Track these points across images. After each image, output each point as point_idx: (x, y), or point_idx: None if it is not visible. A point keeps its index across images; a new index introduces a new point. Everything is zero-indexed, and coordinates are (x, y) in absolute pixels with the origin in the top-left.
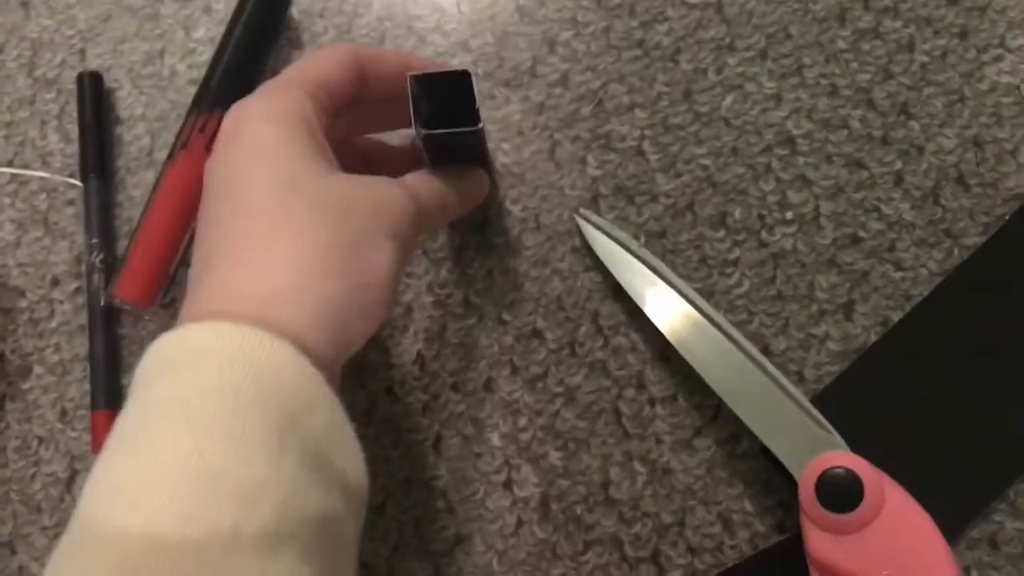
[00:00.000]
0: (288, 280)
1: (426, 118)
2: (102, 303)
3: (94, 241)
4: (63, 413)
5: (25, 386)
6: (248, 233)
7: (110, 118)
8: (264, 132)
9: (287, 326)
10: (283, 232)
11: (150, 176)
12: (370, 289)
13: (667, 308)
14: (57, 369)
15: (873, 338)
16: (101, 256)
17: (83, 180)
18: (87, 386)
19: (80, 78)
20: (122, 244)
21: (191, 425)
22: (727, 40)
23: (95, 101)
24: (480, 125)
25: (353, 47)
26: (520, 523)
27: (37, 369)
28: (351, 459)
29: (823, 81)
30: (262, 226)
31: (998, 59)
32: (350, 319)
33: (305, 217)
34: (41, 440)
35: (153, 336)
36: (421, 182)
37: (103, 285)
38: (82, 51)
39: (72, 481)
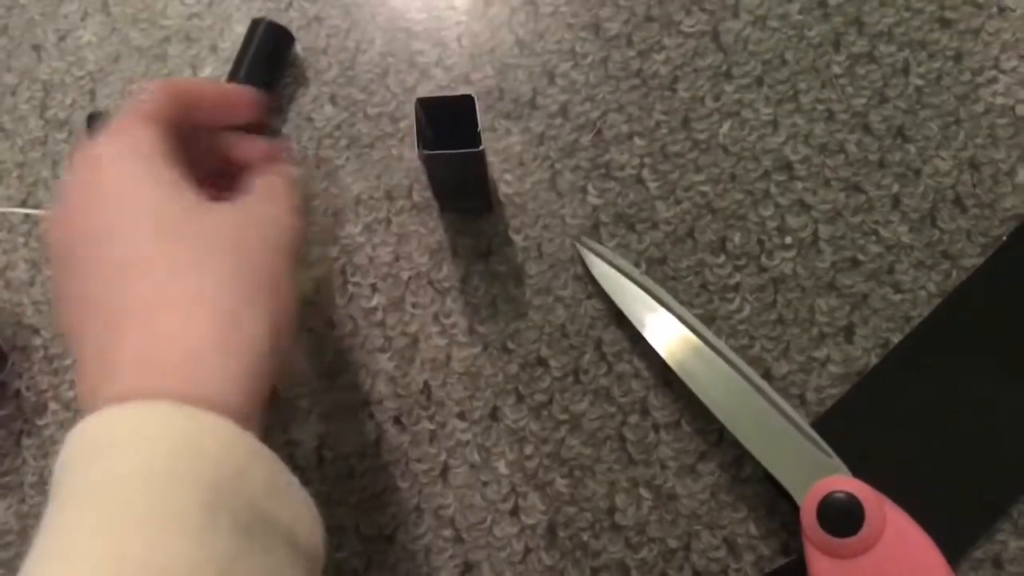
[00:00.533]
0: (206, 340)
1: (429, 140)
2: None
3: None
4: None
5: (40, 422)
6: (146, 294)
7: None
8: (122, 170)
9: (212, 392)
10: (183, 287)
11: None
12: (285, 317)
13: (668, 334)
14: (72, 405)
15: (874, 360)
16: None
17: None
18: None
19: (89, 118)
20: None
21: (106, 517)
22: (724, 68)
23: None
24: (481, 147)
25: (165, 81)
26: (528, 550)
27: (52, 406)
28: (298, 514)
29: (819, 106)
30: (159, 284)
31: (992, 81)
32: (271, 360)
33: (199, 265)
34: None
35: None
36: (279, 174)
37: None
38: (92, 91)
39: None
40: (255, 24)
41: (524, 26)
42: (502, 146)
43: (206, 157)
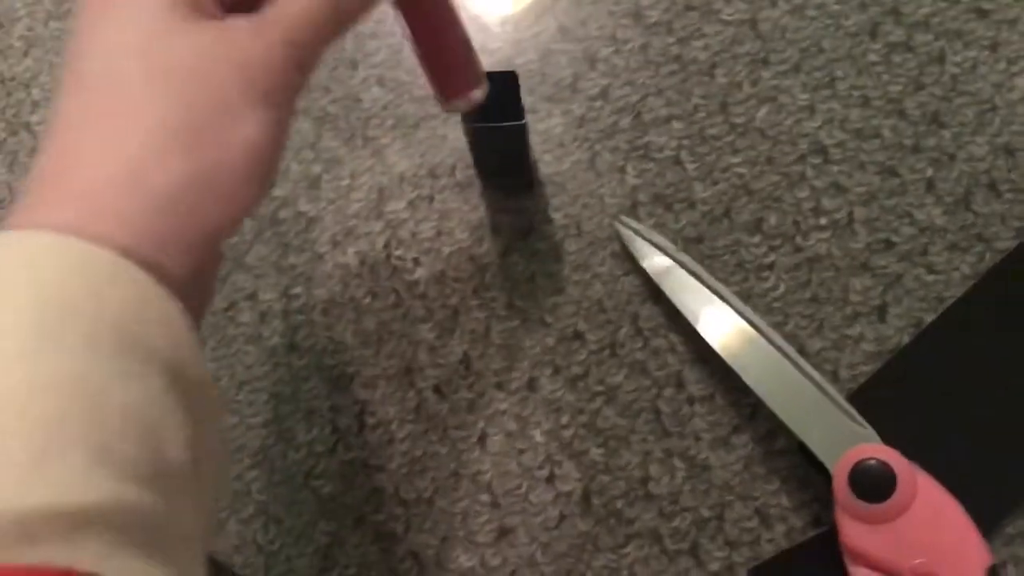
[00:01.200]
0: (117, 168)
1: (473, 114)
2: None
3: None
4: None
5: None
6: (78, 110)
7: None
8: None
9: (112, 226)
10: (118, 108)
11: None
12: (228, 167)
13: (705, 310)
14: None
15: (906, 339)
16: None
17: None
18: None
19: None
20: None
21: None
22: (761, 55)
23: None
24: (524, 121)
25: None
26: (562, 517)
27: None
28: (174, 339)
29: (855, 93)
30: (94, 101)
31: None
32: (200, 204)
33: (146, 88)
34: None
35: None
36: (291, 7)
37: None
38: None
39: None
40: None
41: (567, 13)
42: (543, 127)
43: None
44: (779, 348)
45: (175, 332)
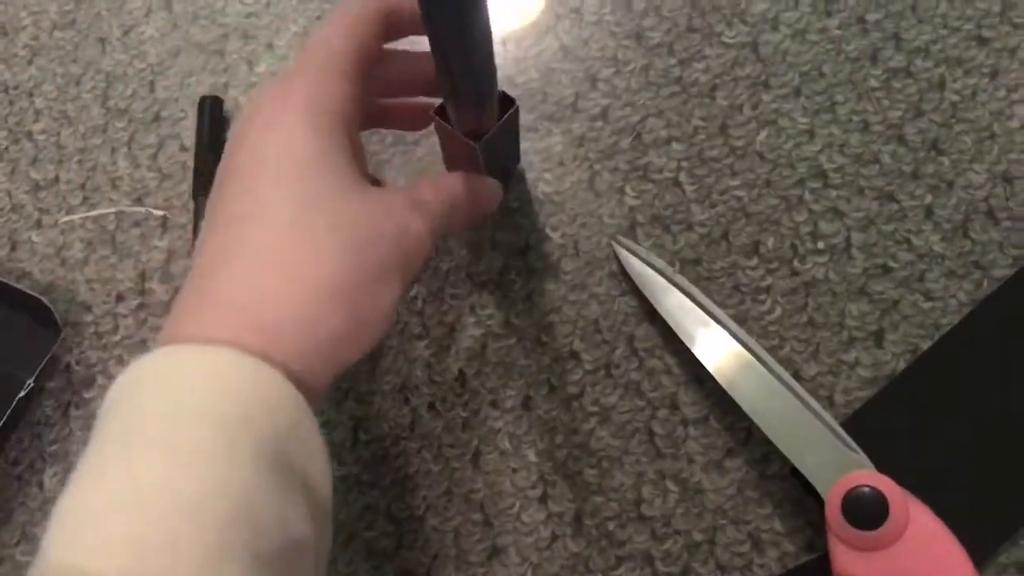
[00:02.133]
0: (303, 310)
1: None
2: None
3: None
4: None
5: (88, 395)
6: (265, 246)
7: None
8: (299, 130)
9: (291, 358)
10: (302, 254)
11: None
12: (371, 326)
13: (700, 332)
14: None
15: (902, 365)
16: None
17: (195, 197)
18: None
19: (202, 101)
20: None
21: (126, 446)
22: (762, 78)
23: (212, 124)
24: (516, 105)
25: (373, 4)
26: (554, 537)
27: (100, 379)
28: (316, 463)
29: (855, 118)
30: (281, 242)
31: None
32: (345, 351)
33: (325, 241)
34: None
35: None
36: (436, 196)
37: None
38: (152, 83)
39: None
40: None
41: (569, 33)
42: (543, 146)
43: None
44: (774, 372)
45: (318, 458)
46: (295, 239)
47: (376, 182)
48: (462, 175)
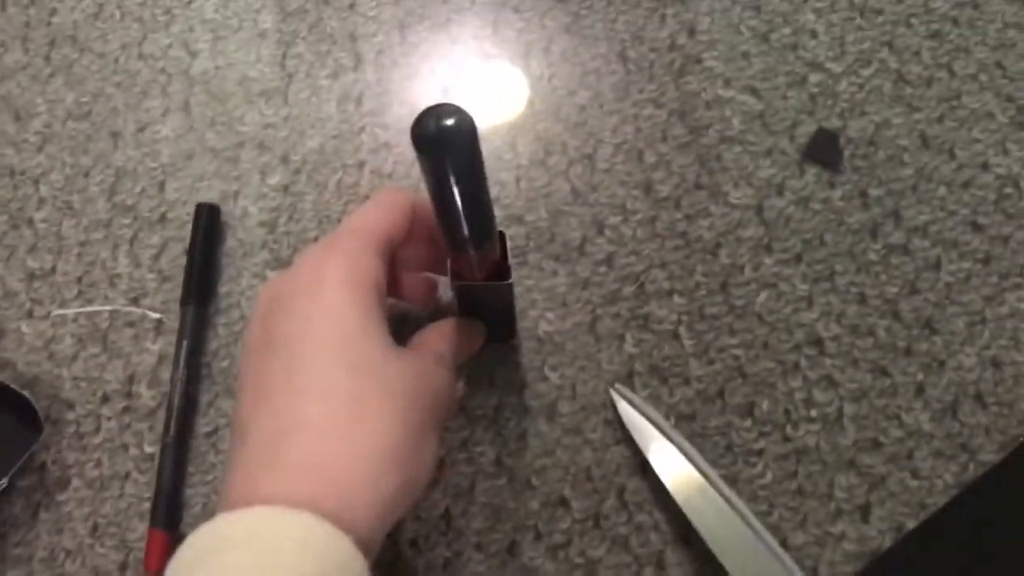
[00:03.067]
0: (363, 474)
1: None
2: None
3: (183, 364)
4: (94, 528)
5: (61, 497)
6: (329, 415)
7: (220, 250)
8: (342, 300)
9: (348, 519)
10: (357, 422)
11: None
12: (419, 481)
13: (692, 492)
14: (95, 484)
15: (888, 543)
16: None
17: (182, 304)
18: (122, 504)
19: (199, 208)
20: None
21: None
22: (765, 241)
23: (208, 232)
24: (510, 280)
25: (409, 194)
26: None
27: (75, 482)
28: None
29: (853, 289)
30: (339, 411)
31: (1017, 287)
32: (399, 508)
33: (375, 407)
34: (68, 553)
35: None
36: (447, 345)
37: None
38: (162, 183)
39: None
40: None
41: (580, 177)
42: (547, 285)
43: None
44: (764, 541)
45: None
46: (350, 407)
47: None
48: (454, 320)
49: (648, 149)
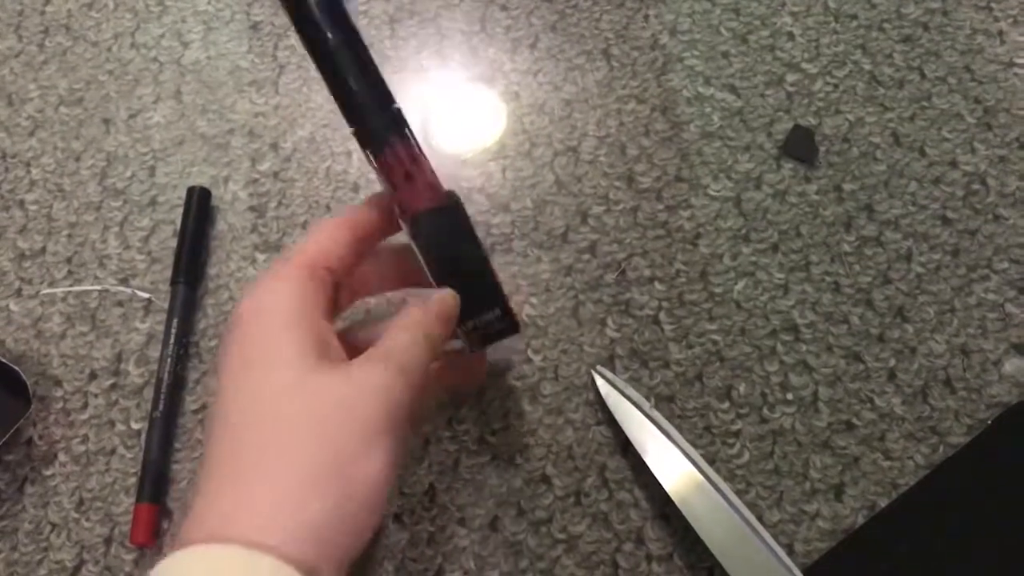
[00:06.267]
0: (282, 499)
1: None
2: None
3: (173, 342)
4: (80, 503)
5: (47, 472)
6: (242, 448)
7: (210, 232)
8: (271, 326)
9: (277, 543)
10: (272, 448)
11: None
12: (355, 501)
13: (672, 467)
14: (81, 459)
15: (861, 520)
16: (178, 350)
17: (172, 283)
18: (108, 479)
19: (190, 191)
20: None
21: None
22: (743, 231)
23: (198, 215)
24: (457, 198)
25: (344, 220)
26: None
27: (61, 457)
28: None
29: (828, 278)
30: (254, 440)
31: (985, 278)
32: (334, 536)
33: (292, 431)
34: (54, 527)
35: None
36: (405, 332)
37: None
38: (152, 168)
39: (78, 571)
40: None
41: (564, 169)
42: (532, 272)
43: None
44: (742, 515)
45: None
46: (262, 436)
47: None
48: (420, 306)
49: (631, 143)
